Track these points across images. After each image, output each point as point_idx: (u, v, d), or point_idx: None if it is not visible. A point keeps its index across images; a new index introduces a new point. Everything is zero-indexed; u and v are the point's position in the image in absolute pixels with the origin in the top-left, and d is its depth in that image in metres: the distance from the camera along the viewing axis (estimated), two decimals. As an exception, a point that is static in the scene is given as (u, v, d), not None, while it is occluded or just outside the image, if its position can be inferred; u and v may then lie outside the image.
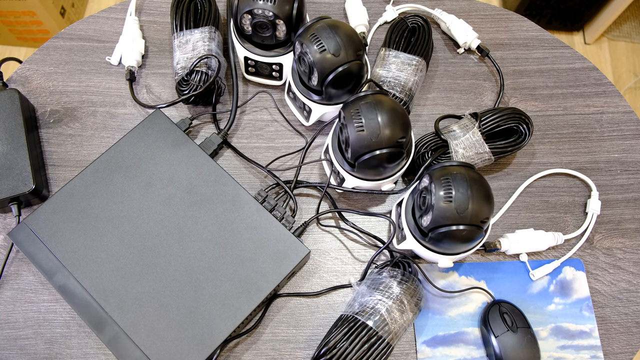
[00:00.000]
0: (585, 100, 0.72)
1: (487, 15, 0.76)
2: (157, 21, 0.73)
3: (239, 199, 0.59)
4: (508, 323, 0.58)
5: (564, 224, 0.65)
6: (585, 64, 0.73)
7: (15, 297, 0.59)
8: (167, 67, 0.71)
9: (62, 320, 0.59)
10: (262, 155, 0.67)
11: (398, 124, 0.54)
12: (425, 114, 0.70)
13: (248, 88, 0.70)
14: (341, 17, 0.74)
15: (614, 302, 0.62)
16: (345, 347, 0.52)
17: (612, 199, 0.66)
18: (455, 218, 0.51)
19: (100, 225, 0.58)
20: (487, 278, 0.62)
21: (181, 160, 0.61)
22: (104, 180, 0.60)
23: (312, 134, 0.68)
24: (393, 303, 0.54)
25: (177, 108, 0.68)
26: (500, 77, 0.71)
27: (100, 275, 0.56)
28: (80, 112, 0.68)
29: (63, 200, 0.58)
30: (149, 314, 0.54)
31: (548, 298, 0.62)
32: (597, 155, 0.69)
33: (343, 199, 0.65)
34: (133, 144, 0.61)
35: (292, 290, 0.61)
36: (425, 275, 0.60)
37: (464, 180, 0.52)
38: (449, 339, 0.60)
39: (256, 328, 0.59)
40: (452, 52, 0.73)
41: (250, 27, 0.62)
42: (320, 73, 0.57)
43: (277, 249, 0.57)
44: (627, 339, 0.61)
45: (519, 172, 0.68)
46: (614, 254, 0.64)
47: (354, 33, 0.59)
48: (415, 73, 0.65)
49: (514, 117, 0.62)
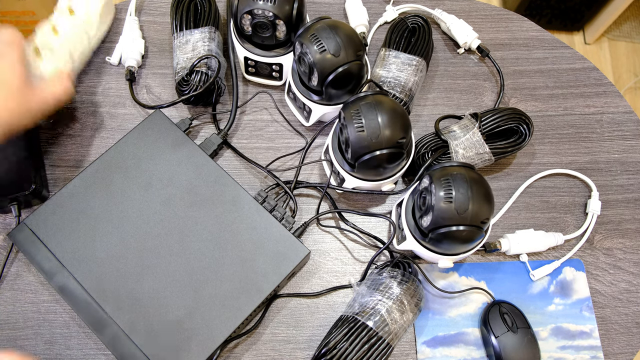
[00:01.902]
0: (586, 100, 0.72)
1: (487, 15, 0.76)
2: (157, 21, 0.73)
3: (239, 199, 0.59)
4: (508, 323, 0.58)
5: (564, 225, 0.65)
6: (586, 64, 0.73)
7: (15, 297, 0.59)
8: (167, 67, 0.71)
9: (62, 321, 0.59)
10: (262, 155, 0.67)
11: (398, 125, 0.54)
12: (425, 114, 0.70)
13: (248, 88, 0.70)
14: (341, 17, 0.74)
15: (614, 303, 0.62)
16: (346, 348, 0.52)
17: (612, 199, 0.66)
18: (455, 219, 0.51)
19: (100, 225, 0.58)
20: (487, 278, 0.62)
21: (181, 161, 0.61)
22: (104, 180, 0.59)
23: (312, 134, 0.68)
24: (393, 303, 0.54)
25: (177, 108, 0.68)
26: (500, 77, 0.71)
27: (100, 275, 0.56)
28: (80, 112, 0.68)
29: (63, 201, 0.58)
30: (148, 315, 0.54)
31: (548, 298, 0.62)
32: (598, 155, 0.69)
33: (343, 200, 0.65)
34: (133, 144, 0.61)
35: (292, 290, 0.61)
36: (426, 276, 0.60)
37: (464, 181, 0.52)
38: (449, 340, 0.60)
39: (256, 328, 0.59)
40: (452, 52, 0.73)
41: (250, 28, 0.62)
42: (320, 73, 0.57)
43: (277, 250, 0.57)
44: (627, 339, 0.61)
45: (519, 173, 0.68)
46: (614, 254, 0.64)
47: (354, 33, 0.59)
48: (415, 73, 0.65)
49: (514, 118, 0.62)
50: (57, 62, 0.62)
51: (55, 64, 0.62)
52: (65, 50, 0.64)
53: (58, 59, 0.63)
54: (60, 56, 0.63)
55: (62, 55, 0.63)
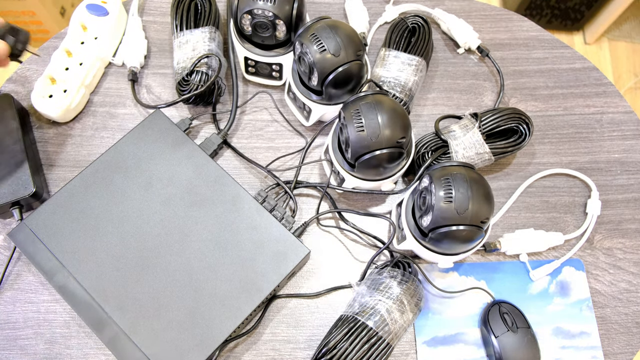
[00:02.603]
0: (586, 100, 0.72)
1: (487, 15, 0.76)
2: (157, 21, 0.73)
3: (239, 199, 0.59)
4: (508, 323, 0.58)
5: (564, 224, 0.65)
6: (586, 64, 0.73)
7: (15, 297, 0.59)
8: (168, 67, 0.71)
9: (62, 321, 0.59)
10: (262, 155, 0.67)
11: (398, 124, 0.54)
12: (425, 114, 0.70)
13: (248, 88, 0.70)
14: (341, 17, 0.74)
15: (614, 303, 0.62)
16: (346, 348, 0.52)
17: (612, 199, 0.66)
18: (455, 218, 0.51)
19: (100, 225, 0.58)
20: (487, 278, 0.62)
21: (181, 161, 0.61)
22: (103, 180, 0.59)
23: (312, 134, 0.68)
24: (393, 303, 0.54)
25: (177, 108, 0.68)
26: (500, 77, 0.71)
27: (100, 275, 0.56)
28: (80, 112, 0.68)
29: (63, 201, 0.58)
30: (148, 314, 0.54)
31: (548, 298, 0.62)
32: (597, 155, 0.69)
33: (343, 199, 0.65)
34: (133, 144, 0.61)
35: (292, 290, 0.61)
36: (425, 276, 0.60)
37: (464, 181, 0.52)
38: (449, 339, 0.60)
39: (256, 328, 0.59)
40: (452, 52, 0.73)
41: (250, 27, 0.62)
42: (320, 73, 0.57)
43: (277, 249, 0.57)
44: (627, 339, 0.60)
45: (519, 173, 0.68)
46: (614, 254, 0.64)
47: (354, 33, 0.59)
48: (415, 73, 0.65)
49: (514, 117, 0.62)
50: (72, 85, 0.65)
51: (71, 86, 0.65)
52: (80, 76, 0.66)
53: (72, 83, 0.65)
54: (73, 81, 0.65)
55: (76, 80, 0.65)
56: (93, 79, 0.67)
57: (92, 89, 0.68)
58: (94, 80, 0.68)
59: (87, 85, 0.66)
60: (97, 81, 0.69)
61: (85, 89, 0.66)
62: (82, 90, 0.66)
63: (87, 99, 0.67)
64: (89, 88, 0.67)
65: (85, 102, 0.67)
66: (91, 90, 0.68)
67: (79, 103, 0.66)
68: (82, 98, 0.66)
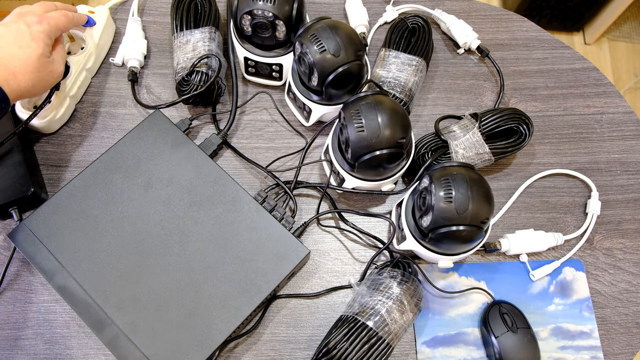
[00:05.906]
0: (586, 100, 0.72)
1: (487, 16, 0.76)
2: (157, 21, 0.73)
3: (239, 199, 0.59)
4: (508, 323, 0.58)
5: (564, 225, 0.65)
6: (586, 65, 0.73)
7: (15, 297, 0.59)
8: (168, 67, 0.71)
9: (62, 321, 0.59)
10: (262, 155, 0.67)
11: (398, 125, 0.54)
12: (425, 115, 0.70)
13: (248, 88, 0.70)
14: (341, 17, 0.74)
15: (614, 303, 0.62)
16: (346, 348, 0.52)
17: (612, 199, 0.66)
18: (455, 218, 0.51)
19: (100, 225, 0.58)
20: (487, 278, 0.62)
21: (181, 161, 0.61)
22: (103, 180, 0.59)
23: (312, 134, 0.68)
24: (393, 303, 0.54)
25: (177, 108, 0.68)
26: (500, 77, 0.71)
27: (100, 275, 0.56)
28: (80, 112, 0.68)
29: (63, 201, 0.58)
30: (148, 315, 0.54)
31: (548, 298, 0.62)
32: (597, 155, 0.69)
33: (343, 200, 0.65)
34: (133, 145, 0.61)
35: (292, 290, 0.61)
36: (425, 276, 0.60)
37: (464, 181, 0.52)
38: (449, 340, 0.60)
39: (256, 329, 0.59)
40: (452, 53, 0.73)
41: (250, 28, 0.62)
42: (321, 73, 0.57)
43: (277, 250, 0.57)
44: (627, 340, 0.60)
45: (519, 173, 0.68)
46: (614, 254, 0.64)
47: (354, 33, 0.59)
48: (415, 73, 0.65)
49: (514, 118, 0.62)
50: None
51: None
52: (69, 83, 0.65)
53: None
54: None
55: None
56: (78, 90, 0.66)
57: (77, 99, 0.67)
58: (79, 91, 0.67)
59: (72, 95, 0.66)
60: (82, 92, 0.68)
61: (70, 100, 0.65)
62: (67, 101, 0.65)
63: (72, 109, 0.67)
64: (75, 99, 0.66)
65: (70, 113, 0.67)
66: (77, 100, 0.67)
67: (64, 114, 0.65)
68: (66, 109, 0.65)
